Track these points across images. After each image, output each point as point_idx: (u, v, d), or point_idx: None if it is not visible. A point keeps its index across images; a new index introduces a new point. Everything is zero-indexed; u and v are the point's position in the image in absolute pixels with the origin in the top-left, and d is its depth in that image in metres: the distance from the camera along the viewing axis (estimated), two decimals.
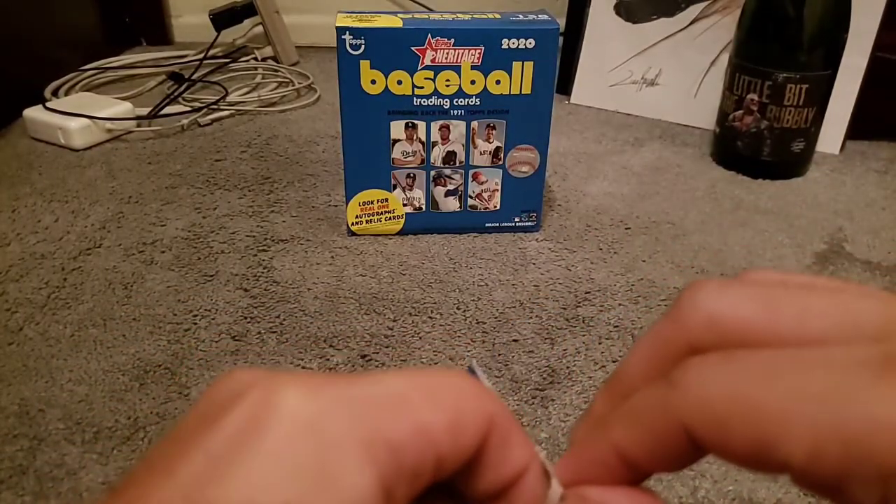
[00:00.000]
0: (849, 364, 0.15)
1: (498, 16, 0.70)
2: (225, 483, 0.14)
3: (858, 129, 0.96)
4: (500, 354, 0.59)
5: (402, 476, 0.16)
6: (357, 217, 0.74)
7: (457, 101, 0.69)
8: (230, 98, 1.05)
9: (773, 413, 0.16)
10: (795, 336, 0.17)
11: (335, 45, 0.66)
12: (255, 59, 1.22)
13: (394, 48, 0.66)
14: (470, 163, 0.73)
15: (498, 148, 0.72)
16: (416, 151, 0.71)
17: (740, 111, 0.88)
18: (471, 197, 0.75)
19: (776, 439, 0.16)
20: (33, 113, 0.93)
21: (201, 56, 1.16)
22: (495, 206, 0.75)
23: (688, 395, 0.17)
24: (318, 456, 0.15)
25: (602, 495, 0.19)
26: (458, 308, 0.65)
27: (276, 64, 1.22)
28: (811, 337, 0.17)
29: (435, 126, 0.70)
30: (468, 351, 0.60)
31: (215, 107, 1.02)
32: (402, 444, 0.16)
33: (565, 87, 1.10)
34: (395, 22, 0.67)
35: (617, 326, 0.63)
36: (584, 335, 0.62)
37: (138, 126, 0.96)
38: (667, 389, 0.18)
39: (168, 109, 1.00)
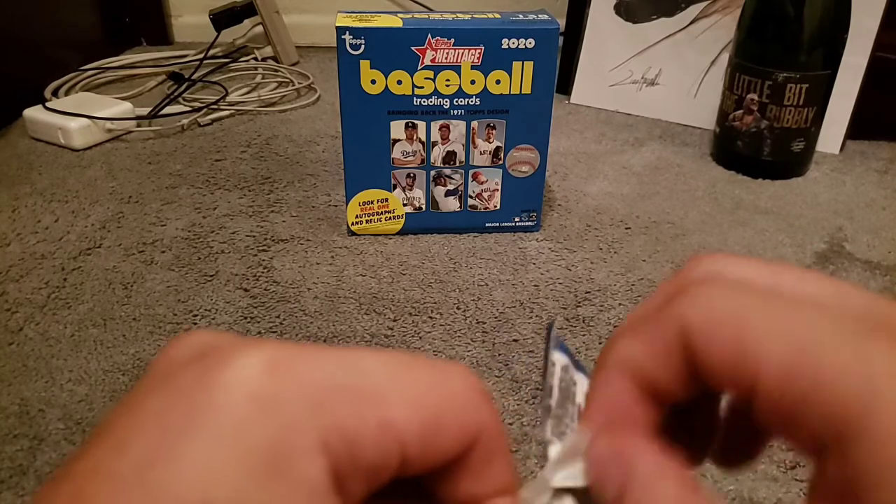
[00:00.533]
0: (841, 317, 0.16)
1: (498, 16, 0.70)
2: (176, 463, 0.14)
3: (858, 128, 0.96)
4: (500, 354, 0.59)
5: (358, 470, 0.15)
6: (357, 217, 0.74)
7: (457, 101, 0.69)
8: (230, 98, 1.05)
9: (761, 328, 0.17)
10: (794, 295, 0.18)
11: (335, 45, 0.66)
12: (255, 59, 1.22)
13: (394, 48, 0.66)
14: (470, 163, 0.73)
15: (498, 148, 0.72)
16: (416, 151, 0.71)
17: (740, 111, 0.88)
18: (471, 197, 0.75)
19: (756, 353, 0.16)
20: (33, 113, 0.93)
21: (201, 56, 1.16)
22: (495, 206, 0.75)
23: (692, 302, 0.18)
24: (271, 441, 0.14)
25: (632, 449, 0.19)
26: (458, 308, 0.65)
27: (276, 64, 1.22)
28: (808, 296, 0.18)
29: (435, 126, 0.70)
30: (468, 351, 0.60)
31: (215, 107, 1.02)
32: (362, 438, 0.15)
33: (565, 86, 1.10)
34: (395, 22, 0.67)
35: (617, 326, 0.63)
36: (584, 335, 0.62)
37: (138, 126, 0.96)
38: (671, 299, 0.18)
39: (168, 109, 1.00)
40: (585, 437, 0.19)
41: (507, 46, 0.67)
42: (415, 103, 0.69)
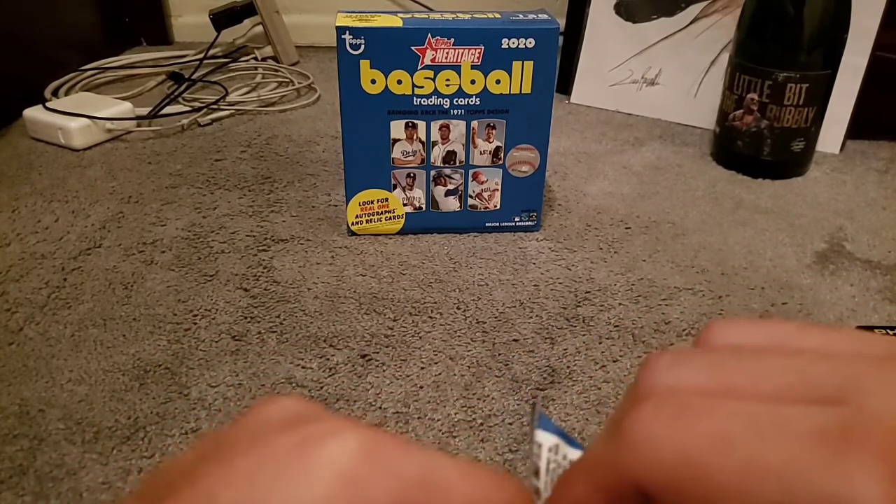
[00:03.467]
0: (806, 432, 0.15)
1: (498, 15, 0.70)
2: None
3: (858, 128, 0.96)
4: (500, 354, 0.59)
5: None
6: (357, 217, 0.74)
7: (457, 101, 0.69)
8: (230, 98, 1.05)
9: (729, 488, 0.15)
10: (749, 396, 0.16)
11: (335, 44, 0.66)
12: (255, 58, 1.22)
13: (394, 48, 0.66)
14: (470, 162, 0.73)
15: (498, 147, 0.72)
16: (416, 151, 0.71)
17: (740, 111, 0.88)
18: (471, 197, 0.75)
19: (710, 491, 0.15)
20: (33, 113, 0.93)
21: (201, 56, 1.16)
22: (495, 206, 0.75)
23: (638, 453, 0.17)
24: None
25: None
26: (458, 308, 0.65)
27: (276, 64, 1.22)
28: (765, 396, 0.16)
29: (435, 126, 0.70)
30: (468, 351, 0.60)
31: (215, 107, 1.02)
32: None
33: (565, 86, 1.10)
34: (395, 21, 0.67)
35: (617, 326, 0.63)
36: (584, 335, 0.62)
37: (138, 126, 0.96)
38: (617, 445, 0.17)
39: (168, 109, 1.00)
40: None
41: (507, 46, 0.67)
42: (415, 103, 0.69)
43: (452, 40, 0.67)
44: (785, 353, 0.17)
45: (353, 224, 0.74)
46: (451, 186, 0.74)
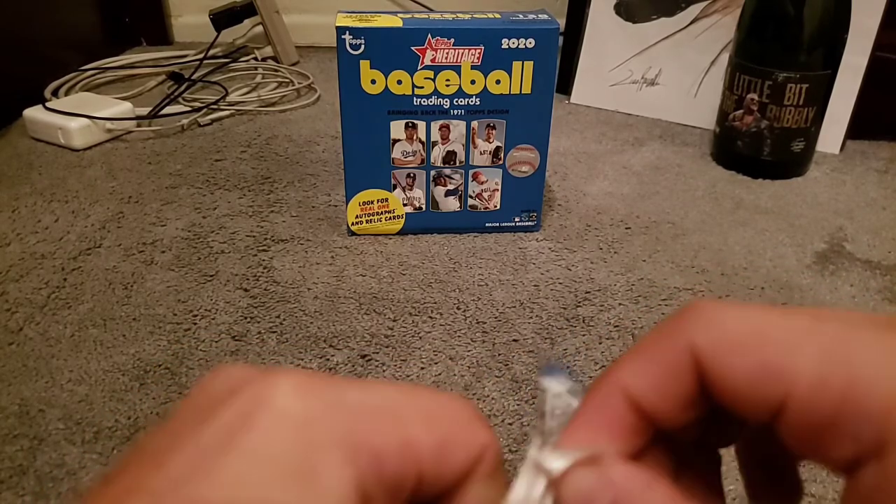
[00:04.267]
0: (859, 320, 0.16)
1: (498, 15, 0.70)
2: (211, 477, 0.15)
3: (858, 128, 0.96)
4: (500, 354, 0.59)
5: (381, 485, 0.16)
6: (357, 217, 0.74)
7: (457, 101, 0.69)
8: (230, 98, 1.05)
9: (785, 339, 0.16)
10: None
11: (335, 44, 0.66)
12: (255, 59, 1.22)
13: (394, 48, 0.66)
14: (470, 163, 0.73)
15: (498, 148, 0.72)
16: (416, 151, 0.71)
17: (740, 111, 0.88)
18: (471, 197, 0.75)
19: (783, 364, 0.16)
20: (33, 113, 0.93)
21: (201, 56, 1.16)
22: (495, 206, 0.75)
23: (701, 317, 0.17)
24: (302, 455, 0.15)
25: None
26: (458, 308, 0.65)
27: (276, 64, 1.22)
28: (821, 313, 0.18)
29: (435, 126, 0.70)
30: (468, 351, 0.60)
31: (215, 107, 1.02)
32: (386, 454, 0.16)
33: (565, 86, 1.10)
34: (395, 22, 0.67)
35: (617, 326, 0.63)
36: (584, 335, 0.62)
37: (138, 126, 0.96)
38: (678, 319, 0.18)
39: (168, 109, 1.00)
40: (558, 464, 0.18)
41: (507, 46, 0.67)
42: (415, 103, 0.69)
43: (452, 40, 0.67)
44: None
45: (353, 224, 0.74)
46: (451, 186, 0.74)
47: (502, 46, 0.67)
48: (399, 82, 0.68)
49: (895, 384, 0.15)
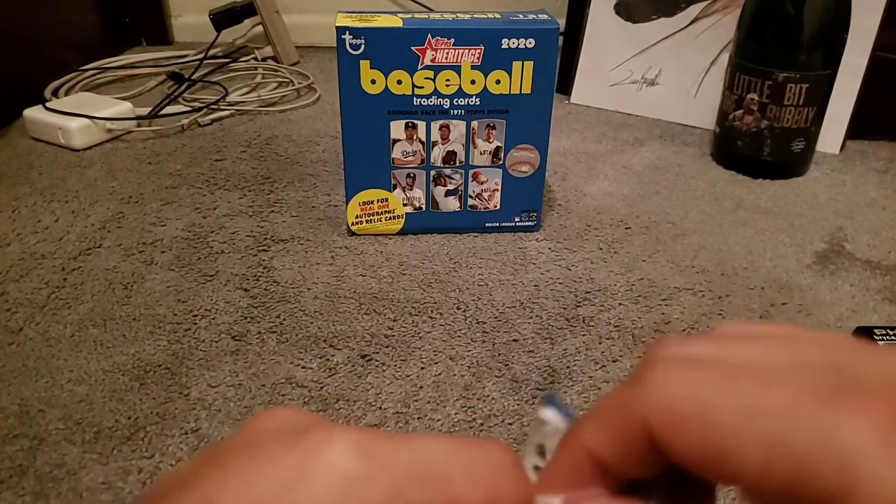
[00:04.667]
0: (803, 386, 0.16)
1: (498, 15, 0.70)
2: None
3: (858, 128, 0.96)
4: (500, 354, 0.59)
5: None
6: (357, 217, 0.74)
7: (457, 101, 0.69)
8: (230, 98, 1.05)
9: (729, 423, 0.16)
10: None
11: (335, 44, 0.66)
12: (255, 59, 1.22)
13: (394, 48, 0.66)
14: (470, 163, 0.73)
15: (498, 148, 0.72)
16: (416, 151, 0.71)
17: (740, 111, 0.88)
18: (471, 197, 0.75)
19: (730, 450, 0.16)
20: (33, 113, 0.93)
21: (201, 56, 1.16)
22: (495, 206, 0.75)
23: (650, 392, 0.18)
24: None
25: None
26: (458, 308, 0.65)
27: (276, 64, 1.22)
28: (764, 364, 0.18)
29: (435, 126, 0.70)
30: (468, 351, 0.60)
31: (215, 107, 1.02)
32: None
33: (565, 86, 1.10)
34: (395, 22, 0.67)
35: (617, 326, 0.63)
36: (584, 335, 0.62)
37: (138, 126, 0.96)
38: (632, 386, 0.18)
39: (168, 109, 1.00)
40: None
41: (507, 46, 0.67)
42: (415, 103, 0.69)
43: (452, 40, 0.67)
44: (781, 337, 0.18)
45: (353, 224, 0.74)
46: (451, 186, 0.74)
47: (502, 46, 0.67)
48: (399, 82, 0.68)
49: (835, 476, 0.15)
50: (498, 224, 0.76)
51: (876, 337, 0.60)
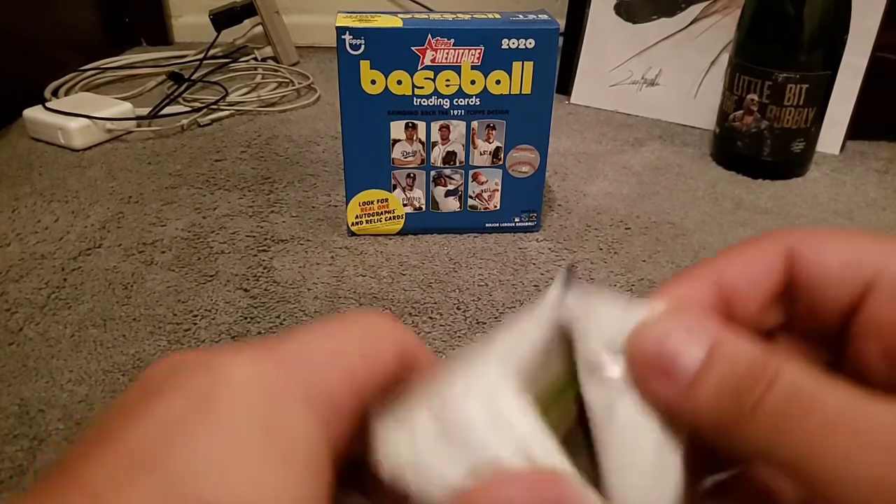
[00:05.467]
0: None
1: (498, 16, 0.70)
2: (186, 443, 0.15)
3: (858, 129, 0.96)
4: None
5: (338, 416, 0.18)
6: (357, 217, 0.74)
7: (457, 101, 0.69)
8: (230, 98, 1.05)
9: (875, 248, 0.17)
10: None
11: (335, 45, 0.66)
12: (255, 59, 1.22)
13: (394, 48, 0.66)
14: (470, 163, 0.73)
15: (498, 148, 0.72)
16: (416, 151, 0.71)
17: (740, 111, 0.88)
18: (471, 197, 0.75)
19: (872, 259, 0.17)
20: (33, 113, 0.93)
21: (201, 56, 1.16)
22: (495, 206, 0.75)
23: (799, 228, 0.19)
24: (267, 410, 0.17)
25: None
26: (458, 308, 0.65)
27: (276, 64, 1.22)
28: None
29: (435, 126, 0.70)
30: None
31: (215, 107, 1.02)
32: (339, 393, 0.18)
33: (565, 87, 1.10)
34: (395, 22, 0.67)
35: None
36: None
37: (138, 126, 0.96)
38: (776, 230, 0.19)
39: (168, 109, 1.00)
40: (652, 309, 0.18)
41: (507, 47, 0.67)
42: (415, 103, 0.69)
43: (452, 41, 0.67)
44: None
45: (352, 224, 0.74)
46: (451, 187, 0.74)
47: (502, 47, 0.67)
48: (399, 82, 0.68)
49: None
50: (498, 224, 0.76)
51: None
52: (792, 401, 0.15)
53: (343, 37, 0.66)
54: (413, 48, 0.66)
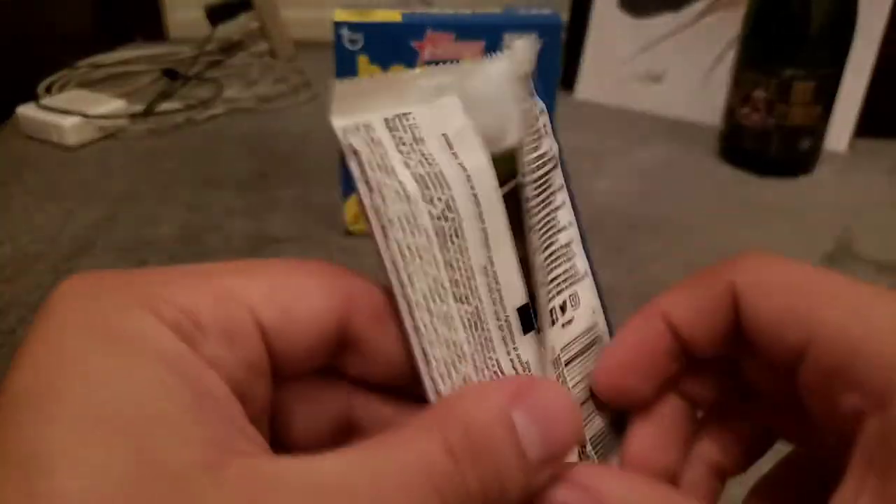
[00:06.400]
0: (885, 291, 0.18)
1: (499, 10, 0.69)
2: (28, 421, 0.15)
3: (866, 126, 0.95)
4: None
5: (207, 335, 0.16)
6: (354, 216, 0.73)
7: None
8: (225, 95, 1.04)
9: (816, 291, 0.17)
10: None
11: (333, 40, 0.65)
12: (251, 54, 1.21)
13: (392, 43, 0.65)
14: None
15: None
16: None
17: (747, 108, 0.87)
18: None
19: (809, 310, 0.17)
20: (26, 110, 0.92)
21: (196, 52, 1.15)
22: None
23: (745, 262, 0.19)
24: (102, 323, 0.16)
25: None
26: None
27: (272, 60, 1.21)
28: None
29: None
30: None
31: (210, 103, 1.01)
32: (196, 305, 0.16)
33: (570, 82, 1.09)
34: (394, 16, 0.65)
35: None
36: None
37: (133, 123, 0.95)
38: (726, 261, 0.20)
39: (163, 106, 0.99)
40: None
41: (508, 41, 0.66)
42: None
43: (452, 35, 0.65)
44: None
45: (350, 224, 0.73)
46: None
47: (504, 41, 0.66)
48: None
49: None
50: None
51: None
52: None
53: (340, 31, 0.64)
54: (412, 43, 0.65)
